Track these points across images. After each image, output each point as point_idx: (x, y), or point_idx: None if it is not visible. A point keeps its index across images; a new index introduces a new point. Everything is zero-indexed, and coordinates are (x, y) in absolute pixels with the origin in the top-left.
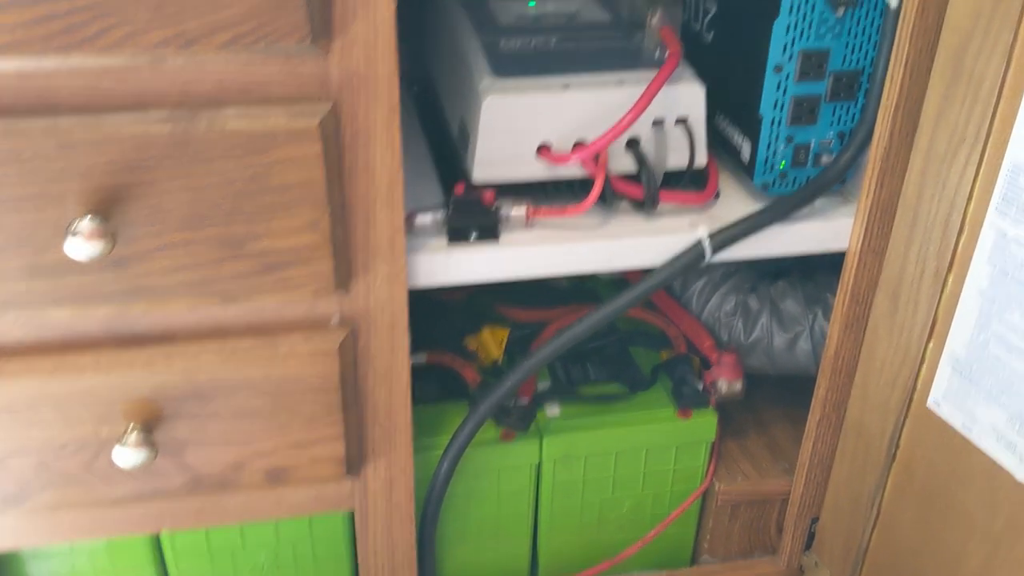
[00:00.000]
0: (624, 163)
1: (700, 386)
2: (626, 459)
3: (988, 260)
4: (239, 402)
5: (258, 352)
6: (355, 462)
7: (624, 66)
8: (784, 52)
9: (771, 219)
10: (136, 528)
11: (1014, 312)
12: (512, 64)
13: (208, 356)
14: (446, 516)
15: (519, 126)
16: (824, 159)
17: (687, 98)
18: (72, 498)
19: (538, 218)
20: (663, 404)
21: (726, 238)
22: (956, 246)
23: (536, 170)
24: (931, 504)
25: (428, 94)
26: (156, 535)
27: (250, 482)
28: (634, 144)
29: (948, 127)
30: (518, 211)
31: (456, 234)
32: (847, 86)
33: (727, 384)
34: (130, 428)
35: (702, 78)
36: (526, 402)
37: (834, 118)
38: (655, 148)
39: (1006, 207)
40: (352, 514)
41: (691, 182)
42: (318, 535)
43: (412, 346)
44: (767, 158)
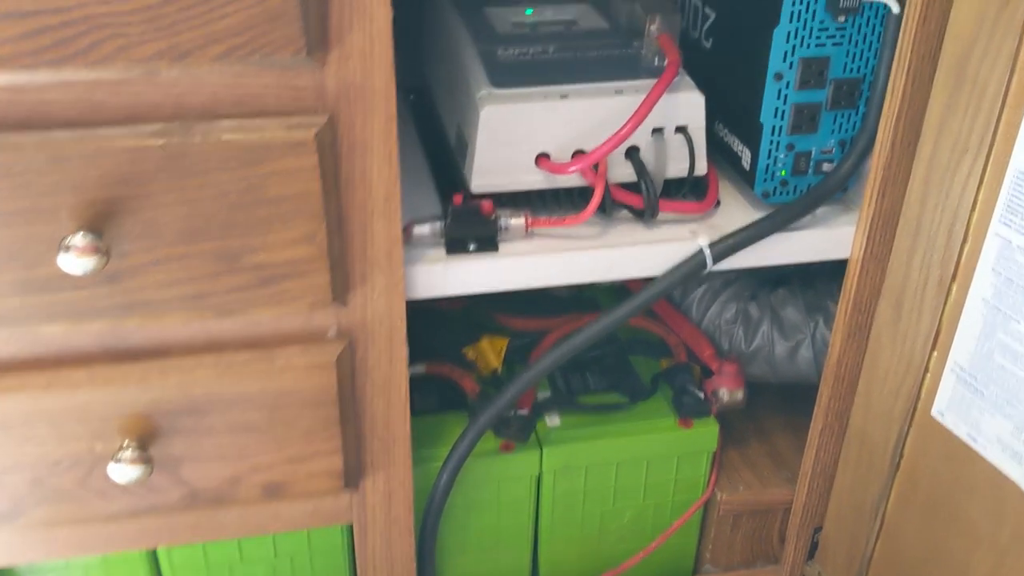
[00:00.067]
0: (623, 172)
1: (701, 395)
2: (627, 469)
3: (992, 269)
4: (235, 417)
5: (254, 366)
6: (353, 475)
7: (623, 75)
8: (784, 60)
9: (772, 228)
10: (132, 544)
11: (1019, 321)
12: (510, 73)
13: (204, 370)
14: (446, 528)
15: (517, 136)
16: (825, 167)
17: (687, 106)
18: (67, 514)
19: (537, 228)
20: (664, 414)
21: (727, 247)
22: (960, 255)
23: (535, 179)
24: (935, 514)
25: (425, 102)
26: (153, 551)
27: (247, 497)
28: (633, 153)
29: (951, 135)
30: (517, 221)
31: (454, 245)
32: (848, 94)
33: (728, 393)
34: (125, 444)
35: (701, 85)
36: (526, 412)
37: (835, 126)
38: (655, 157)
39: (1010, 216)
40: (351, 527)
41: (691, 190)
42: (316, 549)
43: (410, 356)
44: (768, 166)
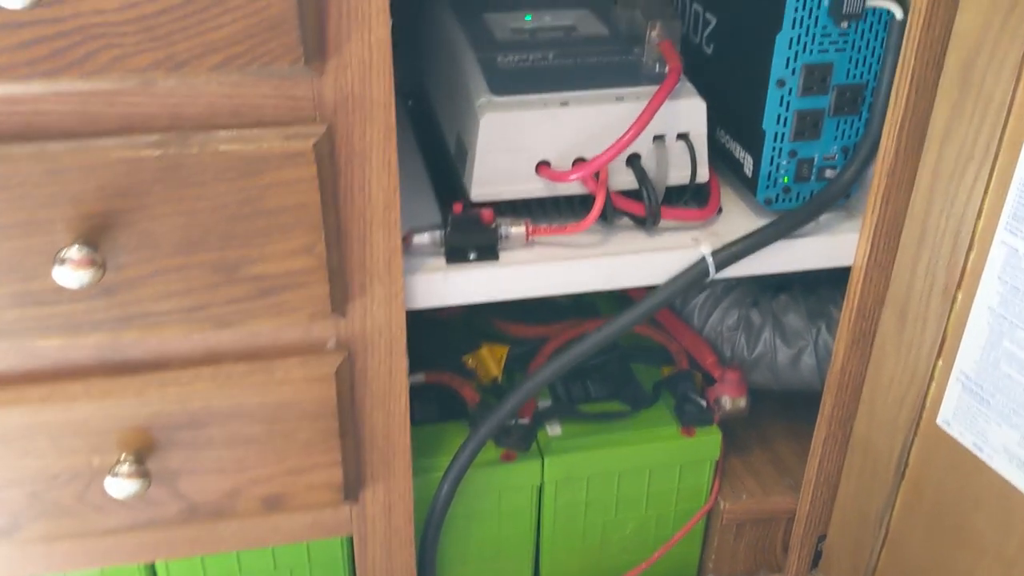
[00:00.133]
0: (625, 179)
1: (703, 403)
2: (629, 479)
3: (999, 277)
4: (234, 429)
5: (253, 378)
6: (353, 487)
7: (623, 81)
8: (787, 66)
9: (775, 236)
10: (131, 558)
11: None
12: (510, 81)
13: (202, 383)
14: (446, 538)
15: (518, 144)
16: (828, 174)
17: (688, 113)
18: (65, 528)
19: (538, 236)
20: (666, 422)
21: (730, 255)
22: (965, 263)
23: (535, 187)
24: (941, 524)
25: (423, 107)
26: (151, 564)
27: (246, 509)
28: (635, 160)
29: (956, 143)
30: (517, 229)
31: (455, 254)
32: (851, 100)
33: (731, 401)
34: (122, 458)
35: (702, 91)
36: (527, 422)
37: (838, 132)
38: (656, 164)
39: (1017, 224)
40: (351, 539)
41: (692, 198)
42: (316, 561)
43: (409, 365)
44: (770, 173)
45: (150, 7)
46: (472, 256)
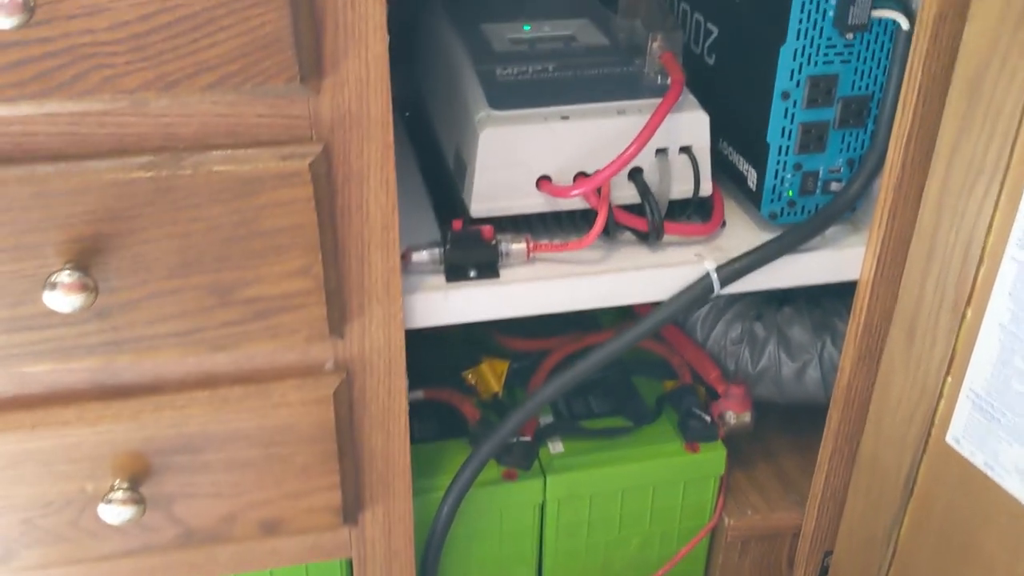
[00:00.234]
0: (627, 194)
1: (708, 418)
2: (632, 496)
3: (1010, 294)
4: (230, 453)
5: (249, 402)
6: (352, 510)
7: (624, 94)
8: (791, 78)
9: (781, 251)
10: None
11: None
12: (509, 94)
13: (197, 407)
14: (447, 560)
15: (518, 159)
16: (833, 187)
17: (691, 126)
18: (59, 555)
19: (539, 253)
20: (670, 438)
21: (735, 271)
22: (975, 279)
23: (536, 203)
24: (950, 543)
25: (420, 119)
26: None
27: (243, 534)
28: (637, 174)
29: (965, 157)
30: (518, 246)
31: (454, 272)
32: (856, 112)
33: (736, 416)
34: (117, 484)
35: (703, 102)
36: (528, 439)
37: (843, 144)
38: (658, 178)
39: None
40: (350, 561)
41: (696, 211)
42: None
43: (408, 381)
44: (775, 186)
45: (141, 26)
46: (472, 274)
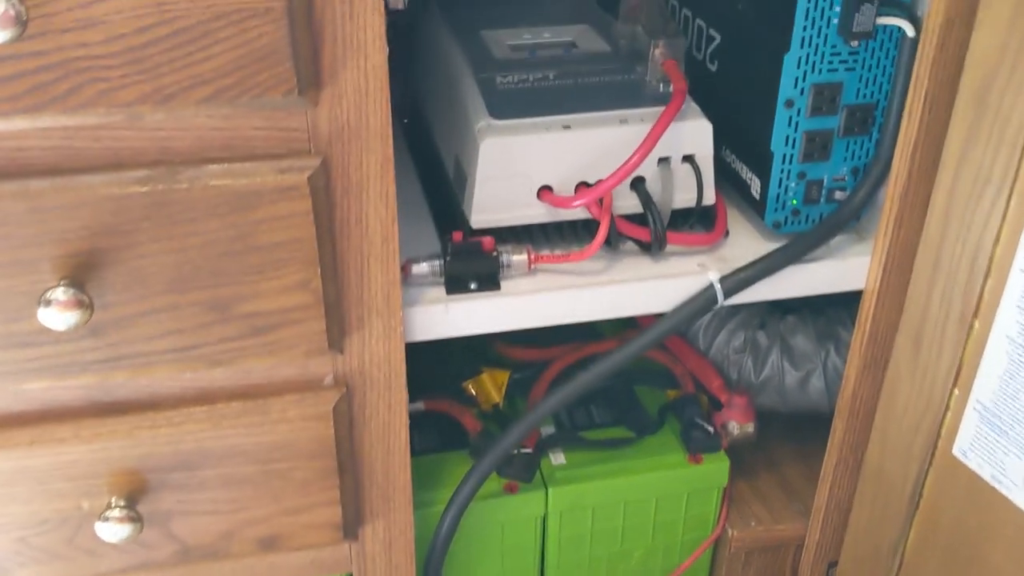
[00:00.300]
0: (629, 203)
1: (711, 429)
2: (635, 508)
3: (1017, 306)
4: (228, 470)
5: (247, 417)
6: (352, 525)
7: (626, 103)
8: (795, 86)
9: (785, 261)
10: None
11: None
12: (510, 103)
13: (194, 423)
14: (448, 573)
15: (519, 169)
16: (838, 195)
17: (694, 135)
18: (55, 574)
19: (540, 264)
20: (672, 449)
21: (739, 281)
22: (983, 290)
23: (537, 213)
24: (956, 556)
25: (419, 125)
26: None
27: (241, 551)
28: (639, 183)
29: (973, 166)
30: (519, 257)
31: (455, 284)
32: (861, 120)
33: (739, 427)
34: (113, 502)
35: (705, 109)
36: (529, 451)
37: (847, 153)
38: (661, 187)
39: None
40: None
41: (698, 220)
42: None
43: (408, 392)
44: (778, 195)
45: (136, 39)
46: (473, 286)
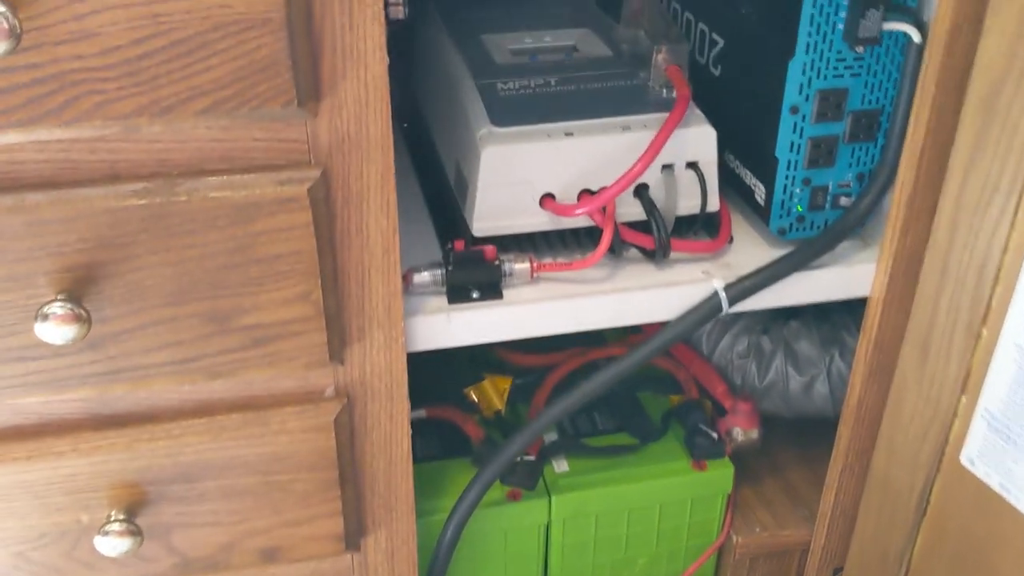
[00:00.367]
0: (632, 210)
1: (715, 435)
2: (639, 515)
3: None
4: (229, 482)
5: (248, 429)
6: (354, 536)
7: (629, 109)
8: (800, 92)
9: (791, 268)
10: None
11: None
12: (511, 110)
13: (194, 436)
14: None
15: (521, 177)
16: (843, 201)
17: (698, 141)
18: None
19: (543, 272)
20: (676, 456)
21: (744, 289)
22: (991, 298)
23: (539, 221)
24: (964, 565)
25: (419, 129)
26: None
27: (242, 563)
28: (643, 190)
29: (980, 174)
30: (521, 266)
31: (457, 293)
32: (867, 126)
33: (743, 433)
34: (113, 515)
35: (709, 114)
36: (532, 458)
37: (853, 159)
38: (665, 194)
39: None
40: None
41: (703, 227)
42: None
43: (410, 399)
44: (783, 202)
45: (133, 51)
46: (475, 295)
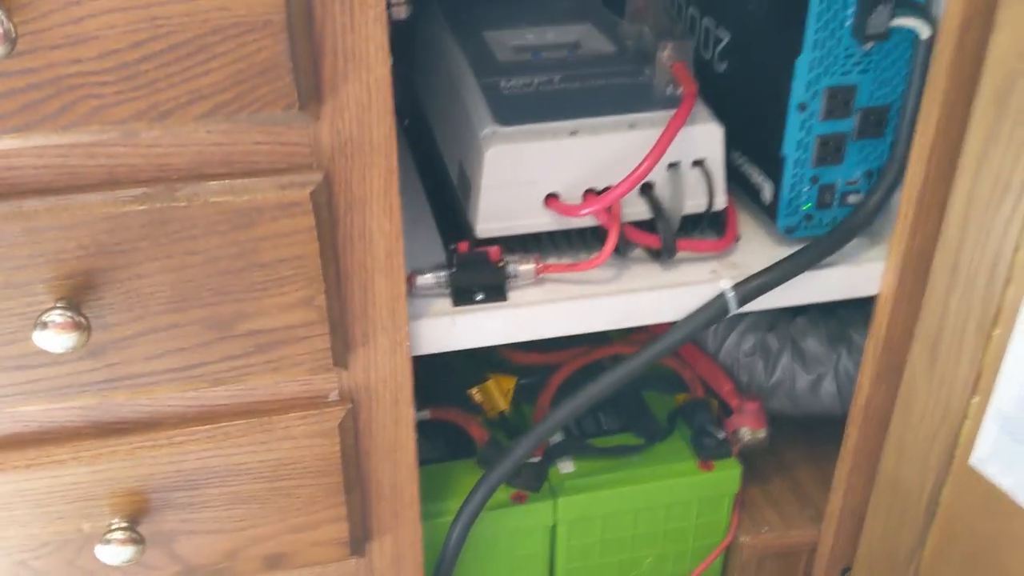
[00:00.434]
0: (638, 210)
1: (722, 435)
2: (645, 517)
3: None
4: (232, 488)
5: (251, 435)
6: (359, 541)
7: (635, 106)
8: (808, 89)
9: (799, 268)
10: None
11: None
12: (515, 109)
13: (197, 442)
14: None
15: (525, 177)
16: (851, 199)
17: (704, 139)
18: None
19: (547, 273)
20: (683, 456)
21: (752, 290)
22: (1003, 298)
23: (544, 221)
24: (975, 566)
25: (421, 126)
26: None
27: (246, 570)
28: (648, 189)
29: (992, 172)
30: (526, 267)
31: (461, 296)
32: (875, 123)
33: (751, 432)
34: (114, 524)
35: (714, 110)
36: (538, 459)
37: (861, 156)
38: (671, 193)
39: None
40: None
41: (709, 225)
42: None
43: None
44: (791, 200)
45: (130, 55)
46: (479, 297)
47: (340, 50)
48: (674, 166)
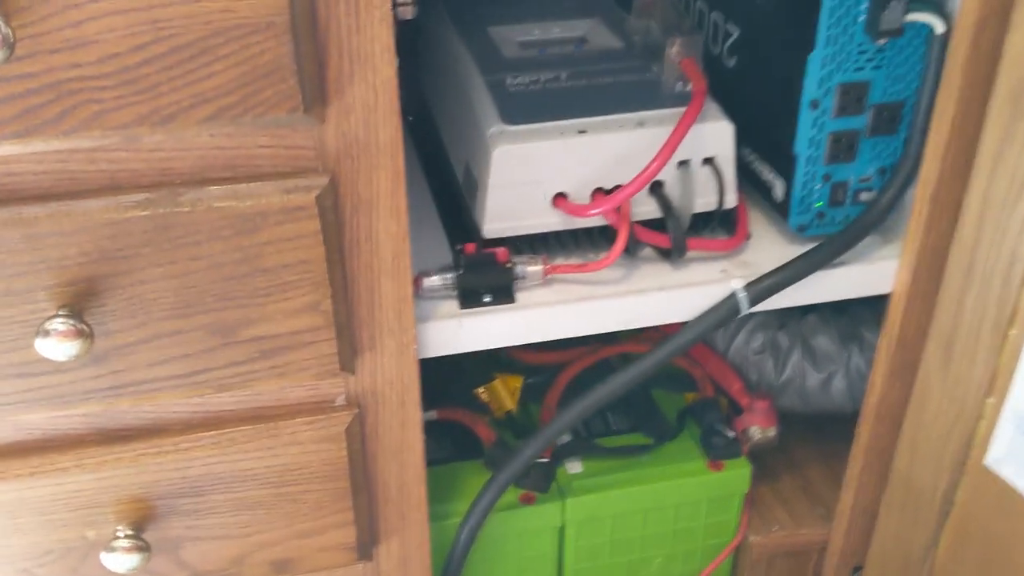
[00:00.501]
0: (647, 208)
1: (731, 434)
2: (654, 517)
3: None
4: (238, 494)
5: (258, 441)
6: (366, 545)
7: (643, 104)
8: (820, 86)
9: (812, 267)
10: None
11: None
12: (522, 108)
13: (202, 448)
14: None
15: (533, 176)
16: (864, 196)
17: (715, 137)
18: None
19: (556, 274)
20: (692, 456)
21: (763, 289)
22: (1018, 297)
23: (552, 221)
24: (989, 567)
25: (426, 123)
26: None
27: (253, 575)
28: (658, 188)
29: (1008, 170)
30: (534, 268)
31: (468, 297)
32: (888, 119)
33: (760, 431)
34: (119, 531)
35: (723, 107)
36: (546, 460)
37: (874, 153)
38: (681, 191)
39: None
40: None
41: (720, 224)
42: None
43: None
44: (803, 198)
45: (131, 58)
46: (487, 299)
47: (345, 51)
48: (684, 164)
